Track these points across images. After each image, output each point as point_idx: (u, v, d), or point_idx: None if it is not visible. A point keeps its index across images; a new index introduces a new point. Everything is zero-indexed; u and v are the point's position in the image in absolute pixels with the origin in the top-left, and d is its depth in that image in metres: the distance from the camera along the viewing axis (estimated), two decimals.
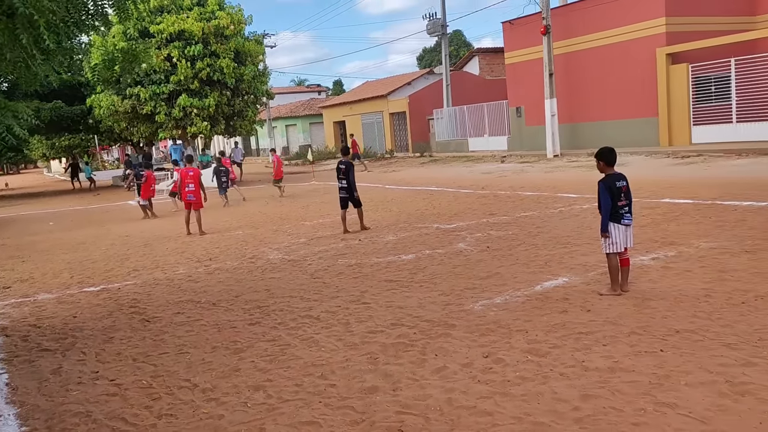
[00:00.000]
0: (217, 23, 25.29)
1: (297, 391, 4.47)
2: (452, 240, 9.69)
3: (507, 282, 6.92)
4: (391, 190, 18.53)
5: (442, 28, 34.54)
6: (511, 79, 29.57)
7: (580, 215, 10.91)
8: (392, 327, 5.72)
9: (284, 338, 5.68)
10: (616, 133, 23.65)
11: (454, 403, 4.05)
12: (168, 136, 28.09)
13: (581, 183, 15.63)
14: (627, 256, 6.16)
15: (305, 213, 15.03)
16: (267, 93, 29.94)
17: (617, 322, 5.25)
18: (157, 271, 9.37)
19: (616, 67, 24.08)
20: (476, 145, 32.14)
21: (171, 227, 14.32)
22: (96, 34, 7.39)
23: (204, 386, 4.71)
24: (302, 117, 52.78)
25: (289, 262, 9.17)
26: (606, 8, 24.15)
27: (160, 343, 5.86)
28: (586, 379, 4.20)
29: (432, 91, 36.97)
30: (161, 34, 24.80)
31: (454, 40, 62.77)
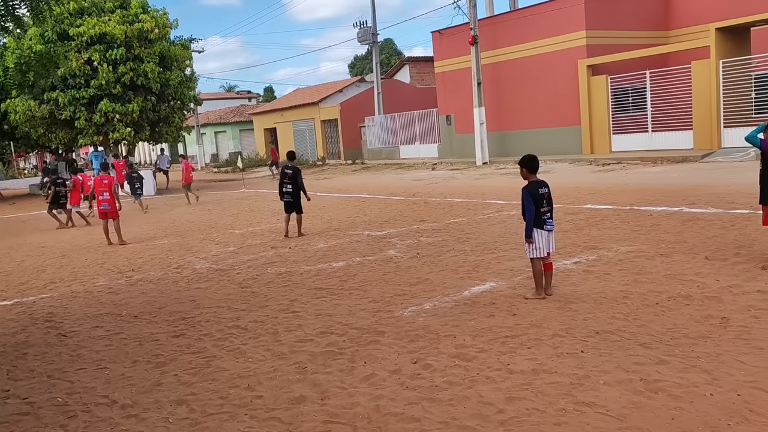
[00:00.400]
0: (141, 27, 24.51)
1: (222, 404, 4.36)
2: (383, 247, 9.73)
3: (436, 288, 6.99)
4: (322, 198, 18.43)
5: (372, 36, 34.79)
6: (440, 88, 30.08)
7: (507, 221, 11.17)
8: (321, 335, 5.68)
9: (210, 350, 5.53)
10: (542, 142, 24.43)
11: (382, 410, 4.05)
12: (89, 142, 26.96)
13: (509, 190, 16.03)
14: (550, 261, 6.35)
15: (234, 221, 14.75)
16: (194, 99, 29.26)
17: (541, 325, 5.39)
18: (75, 283, 8.96)
19: (541, 78, 24.89)
20: (407, 153, 32.47)
21: (90, 237, 13.74)
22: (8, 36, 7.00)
23: (123, 402, 4.52)
24: (232, 124, 51.90)
25: (216, 271, 8.96)
26: (530, 20, 24.97)
27: (77, 358, 5.60)
28: (511, 381, 4.29)
29: (363, 98, 37.13)
30: (81, 36, 23.83)
31: (385, 48, 63.30)
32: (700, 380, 4.04)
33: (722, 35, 19.41)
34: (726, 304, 5.52)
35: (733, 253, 7.31)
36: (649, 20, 24.58)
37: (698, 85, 19.81)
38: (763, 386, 3.89)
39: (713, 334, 4.84)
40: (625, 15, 23.90)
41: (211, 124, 51.96)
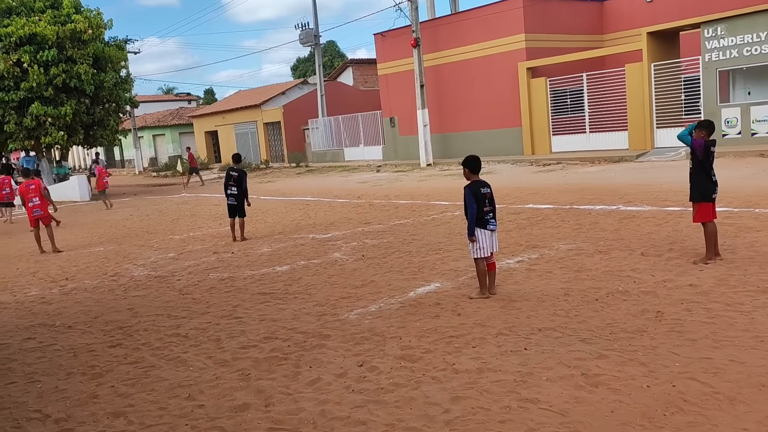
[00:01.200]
0: (74, 27, 23.63)
1: (161, 415, 4.21)
2: (328, 250, 9.66)
3: (382, 290, 6.98)
4: (266, 201, 18.19)
5: (314, 38, 34.60)
6: (384, 90, 30.17)
7: (451, 222, 11.27)
8: (266, 341, 5.58)
9: (148, 359, 5.35)
10: (484, 143, 24.81)
11: (327, 414, 4.00)
12: (19, 147, 25.81)
13: (453, 191, 16.19)
14: (493, 261, 6.42)
15: (174, 226, 14.38)
16: (130, 101, 28.41)
17: (485, 324, 5.44)
18: (5, 293, 8.54)
19: (483, 80, 25.28)
20: (352, 155, 32.43)
21: (22, 245, 13.14)
22: None
23: (57, 416, 4.32)
24: (171, 126, 50.62)
25: (155, 278, 8.70)
26: (471, 23, 25.33)
27: (8, 372, 5.32)
28: (456, 381, 4.31)
29: (307, 101, 36.87)
30: (10, 37, 22.80)
31: (327, 50, 63.11)
32: (638, 373, 4.15)
33: (653, 39, 20.16)
34: (661, 299, 5.71)
35: (667, 249, 7.58)
36: (585, 24, 25.32)
37: (632, 87, 20.52)
38: (696, 377, 4.03)
39: (649, 327, 4.99)
40: (563, 19, 24.55)
41: (149, 127, 50.58)
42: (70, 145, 26.40)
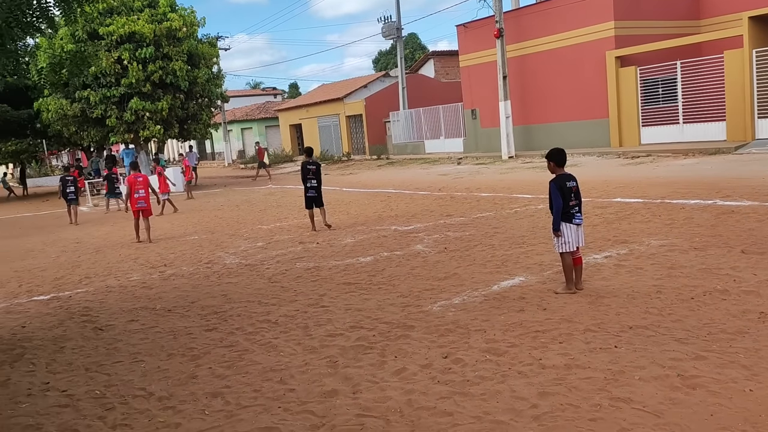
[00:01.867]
0: (169, 25, 24.79)
1: (256, 397, 4.41)
2: (410, 242, 9.73)
3: (465, 282, 6.98)
4: (348, 193, 18.50)
5: (397, 31, 34.70)
6: (465, 82, 29.90)
7: (534, 215, 11.08)
8: (351, 330, 5.70)
9: (242, 344, 5.60)
10: (569, 135, 24.16)
11: (414, 404, 4.06)
12: (120, 140, 27.41)
13: (536, 184, 15.90)
14: (579, 255, 6.28)
15: (262, 217, 14.87)
16: (221, 96, 29.52)
17: (572, 320, 5.34)
18: (110, 278, 9.13)
19: (568, 70, 24.59)
20: (432, 147, 32.38)
21: (123, 233, 13.97)
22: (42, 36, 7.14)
23: (160, 394, 4.60)
24: (258, 120, 52.25)
25: (246, 266, 9.06)
26: (557, 12, 24.67)
27: (114, 351, 5.71)
28: (544, 376, 4.27)
29: (388, 93, 37.08)
30: (111, 36, 24.19)
31: (409, 43, 63.13)
32: (739, 376, 3.97)
33: (755, 24, 18.94)
34: (764, 299, 5.41)
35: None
36: (679, 9, 24.10)
37: (731, 75, 19.38)
38: None
39: (752, 329, 4.75)
40: (655, 4, 23.46)
41: (238, 120, 52.38)
42: (166, 139, 27.77)
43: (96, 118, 25.56)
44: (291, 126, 45.61)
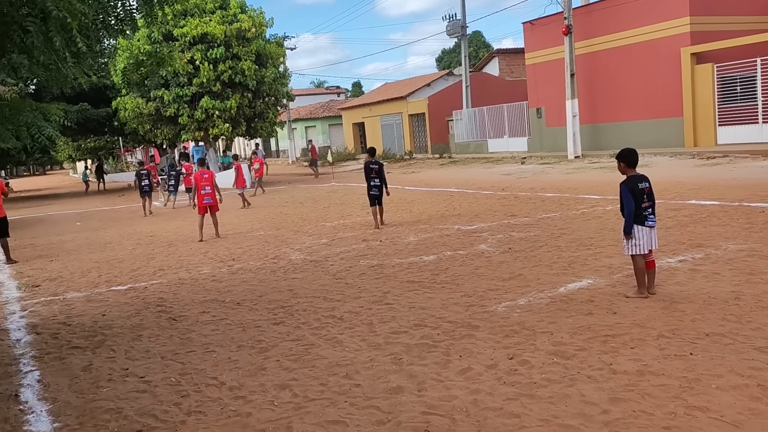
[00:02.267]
0: (239, 26, 25.49)
1: (322, 391, 4.50)
2: (473, 241, 9.68)
3: (530, 283, 6.89)
4: (410, 192, 18.53)
5: (461, 29, 34.46)
6: (531, 80, 29.42)
7: (603, 217, 10.82)
8: (415, 328, 5.73)
9: (308, 338, 5.71)
10: (639, 134, 23.43)
11: (480, 404, 4.05)
12: (191, 138, 28.37)
13: (603, 184, 15.51)
14: (652, 258, 6.10)
15: (326, 214, 15.09)
16: (287, 95, 30.11)
17: (645, 325, 5.20)
18: (181, 270, 9.47)
19: (640, 67, 23.85)
20: (496, 147, 32.02)
21: (194, 228, 14.45)
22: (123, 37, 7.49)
23: (231, 384, 4.76)
24: (322, 118, 52.98)
25: (311, 262, 9.22)
26: (629, 8, 23.94)
27: (187, 341, 5.93)
28: (615, 382, 4.17)
29: (451, 92, 36.89)
30: (185, 37, 25.06)
31: (473, 41, 62.59)
32: None
33: None
34: None
35: None
36: (758, 4, 22.98)
37: None
38: None
39: None
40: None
41: (302, 119, 53.25)
42: (233, 136, 28.57)
43: (169, 117, 26.55)
44: (354, 124, 46.02)
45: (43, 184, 52.78)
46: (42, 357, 5.83)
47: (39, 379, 5.24)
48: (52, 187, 45.48)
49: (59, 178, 67.99)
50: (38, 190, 41.91)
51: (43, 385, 5.10)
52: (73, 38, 4.55)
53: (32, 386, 5.09)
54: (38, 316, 7.40)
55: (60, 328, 6.75)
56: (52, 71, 5.73)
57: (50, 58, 5.15)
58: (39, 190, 40.97)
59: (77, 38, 4.46)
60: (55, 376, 5.28)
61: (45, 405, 4.67)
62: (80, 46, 4.72)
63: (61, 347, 6.07)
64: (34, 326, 6.96)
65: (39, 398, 4.82)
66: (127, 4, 5.77)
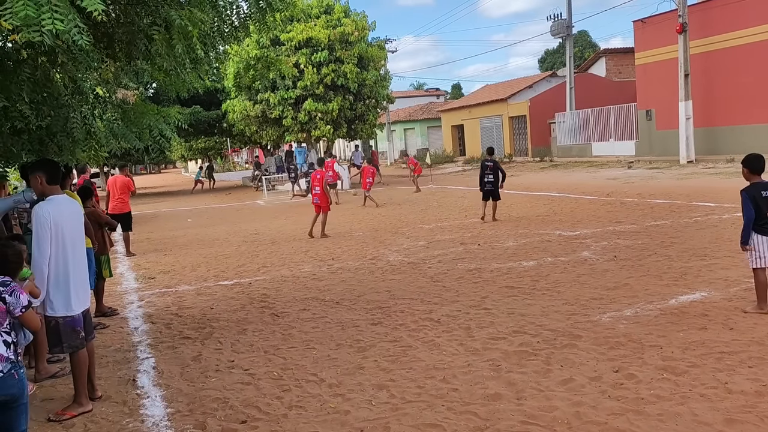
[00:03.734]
0: (343, 30, 26.05)
1: (420, 393, 4.51)
2: (576, 248, 9.38)
3: (637, 294, 6.59)
4: (510, 195, 18.20)
5: (567, 29, 33.49)
6: (641, 81, 28.12)
7: (718, 226, 10.18)
8: (514, 334, 5.63)
9: (405, 340, 5.74)
10: (759, 138, 21.81)
11: (582, 417, 3.92)
12: (294, 139, 29.31)
13: (719, 191, 14.58)
14: None
15: (423, 216, 15.11)
16: (387, 97, 30.42)
17: (764, 343, 4.85)
18: (284, 268, 9.80)
19: (761, 67, 22.22)
20: (600, 150, 30.84)
21: (296, 227, 14.93)
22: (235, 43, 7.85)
23: (330, 381, 4.87)
24: (421, 121, 53.11)
25: (408, 264, 9.27)
26: (750, 3, 22.38)
27: (289, 337, 6.13)
28: (730, 402, 3.92)
29: (554, 94, 35.91)
30: (291, 41, 25.92)
31: (579, 41, 60.65)
32: None
33: None
34: None
35: None
36: None
37: None
38: None
39: None
40: None
41: (401, 121, 53.63)
42: (335, 138, 29.24)
43: (274, 119, 27.55)
44: (453, 126, 45.82)
45: (159, 182, 56.28)
46: (157, 345, 6.22)
47: (154, 366, 5.59)
48: (166, 185, 48.43)
49: (172, 177, 72.24)
50: (154, 187, 44.75)
51: (157, 371, 5.44)
52: (193, 45, 4.83)
53: (148, 372, 5.44)
54: (153, 307, 7.90)
55: (173, 319, 7.18)
56: (172, 77, 6.09)
57: (171, 64, 5.48)
58: (155, 188, 43.74)
59: (197, 45, 4.73)
60: (168, 363, 5.61)
61: (159, 391, 4.98)
62: (199, 53, 5.00)
63: (174, 337, 6.45)
64: (150, 316, 7.44)
65: (154, 384, 5.15)
66: (240, 12, 6.05)
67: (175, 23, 4.40)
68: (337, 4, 27.52)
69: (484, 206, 13.16)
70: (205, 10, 4.85)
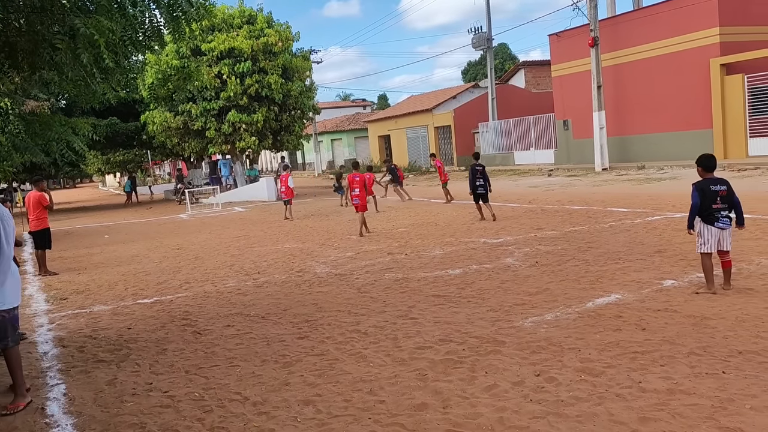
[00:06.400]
0: (266, 40, 25.78)
1: (346, 407, 4.45)
2: (500, 255, 9.58)
3: (557, 298, 6.78)
4: (435, 204, 18.46)
5: (487, 42, 34.46)
6: (557, 92, 29.25)
7: (631, 230, 10.64)
8: (441, 343, 5.66)
9: (332, 352, 5.68)
10: (668, 146, 23.10)
11: (506, 422, 3.97)
12: (217, 150, 28.69)
13: (632, 197, 15.29)
14: (728, 259, 6.43)
15: (350, 227, 15.07)
16: (313, 108, 30.31)
17: (675, 342, 5.07)
18: (207, 284, 9.53)
19: (668, 79, 23.56)
20: (522, 159, 31.82)
21: (220, 240, 14.58)
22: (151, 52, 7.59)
23: (254, 399, 4.74)
24: (348, 131, 53.25)
25: (336, 276, 9.20)
26: (656, 19, 23.71)
27: (212, 355, 5.94)
28: (644, 400, 4.07)
29: (477, 104, 36.83)
30: (212, 52, 25.42)
31: (499, 53, 62.50)
32: None
33: None
34: None
35: None
36: None
37: None
38: None
39: None
40: (765, 9, 22.08)
41: (328, 131, 53.59)
42: (260, 150, 28.83)
43: (196, 130, 26.91)
44: (380, 137, 46.17)
45: (74, 197, 53.81)
46: (68, 370, 5.88)
47: (65, 393, 5.28)
48: (81, 200, 46.35)
49: (89, 191, 69.26)
50: (68, 203, 42.72)
51: (68, 398, 5.14)
52: (101, 55, 4.63)
53: (58, 399, 5.13)
54: (65, 329, 7.49)
55: (86, 342, 6.82)
56: (81, 87, 5.83)
57: (79, 74, 5.25)
58: (69, 203, 41.75)
59: (105, 55, 4.53)
60: (80, 389, 5.32)
61: (70, 419, 4.70)
62: (108, 63, 4.80)
63: (87, 361, 6.12)
64: (61, 339, 7.04)
65: (65, 412, 4.85)
66: (154, 21, 5.86)
67: (80, 32, 4.20)
68: (260, 15, 27.24)
69: (479, 209, 14.02)
70: (113, 18, 4.66)
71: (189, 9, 5.38)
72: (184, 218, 22.34)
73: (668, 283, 6.94)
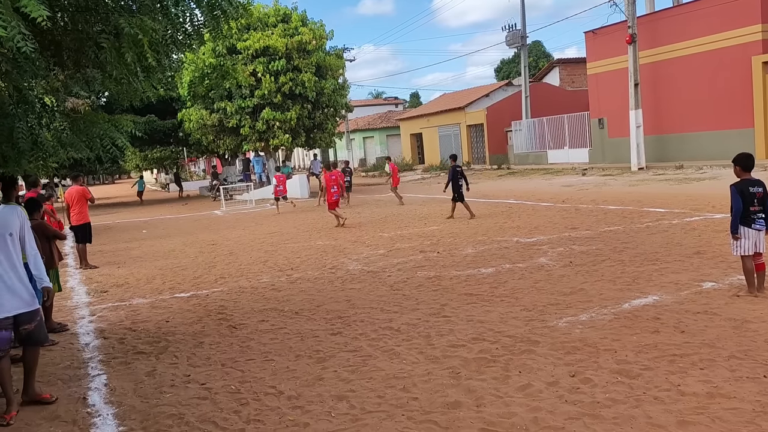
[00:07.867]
0: (300, 39, 25.98)
1: (380, 403, 4.48)
2: (533, 254, 9.50)
3: (592, 299, 6.71)
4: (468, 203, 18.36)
5: (521, 39, 34.14)
6: (593, 90, 28.84)
7: (669, 231, 10.45)
8: (473, 341, 5.65)
9: (366, 349, 5.71)
10: (707, 145, 22.60)
11: (540, 422, 3.95)
12: (252, 148, 29.02)
13: (670, 197, 15.01)
14: (762, 261, 6.27)
15: (383, 225, 15.12)
16: (346, 106, 30.42)
17: (715, 345, 4.98)
18: (242, 279, 9.66)
19: (707, 76, 23.05)
20: (555, 158, 31.47)
21: (253, 236, 14.75)
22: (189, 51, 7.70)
23: (289, 393, 4.80)
24: (379, 129, 53.29)
25: (368, 273, 9.24)
26: (696, 16, 23.21)
27: (247, 349, 6.02)
28: (683, 404, 4.00)
29: (510, 102, 36.53)
30: (247, 50, 25.71)
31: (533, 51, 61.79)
32: None
33: None
34: None
35: None
36: None
37: None
38: None
39: None
40: None
41: (360, 129, 53.71)
42: (293, 147, 29.07)
43: (231, 128, 27.25)
44: (411, 135, 46.11)
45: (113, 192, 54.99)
46: (109, 361, 6.03)
47: (106, 383, 5.42)
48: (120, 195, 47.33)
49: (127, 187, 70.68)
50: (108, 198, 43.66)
51: (109, 388, 5.27)
52: (144, 53, 4.71)
53: (99, 390, 5.27)
54: (106, 321, 7.68)
55: (126, 334, 6.98)
56: (124, 85, 5.95)
57: (122, 72, 5.35)
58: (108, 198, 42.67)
59: (147, 53, 4.62)
60: (120, 380, 5.45)
61: (111, 408, 4.83)
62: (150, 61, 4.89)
63: (127, 352, 6.27)
64: (102, 331, 7.22)
65: (105, 402, 4.98)
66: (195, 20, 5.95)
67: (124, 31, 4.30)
68: (294, 13, 27.46)
69: (467, 207, 14.52)
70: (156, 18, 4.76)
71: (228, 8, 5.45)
72: (218, 214, 22.67)
73: (708, 285, 6.81)
